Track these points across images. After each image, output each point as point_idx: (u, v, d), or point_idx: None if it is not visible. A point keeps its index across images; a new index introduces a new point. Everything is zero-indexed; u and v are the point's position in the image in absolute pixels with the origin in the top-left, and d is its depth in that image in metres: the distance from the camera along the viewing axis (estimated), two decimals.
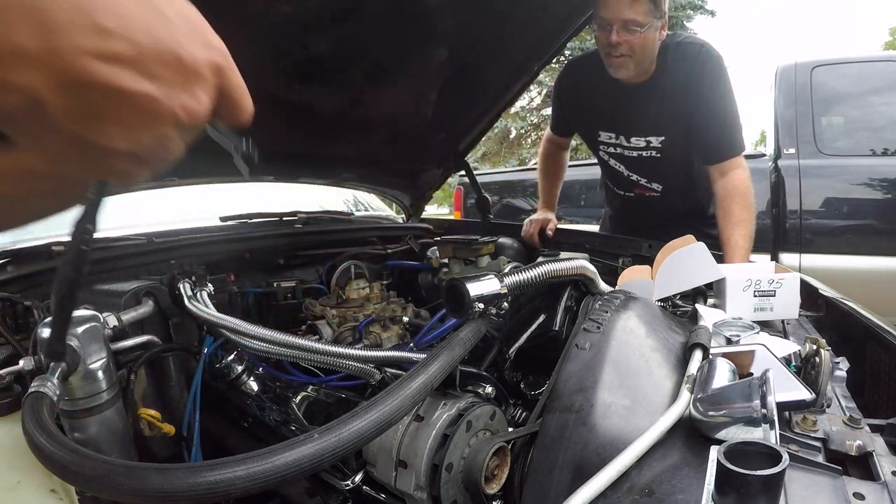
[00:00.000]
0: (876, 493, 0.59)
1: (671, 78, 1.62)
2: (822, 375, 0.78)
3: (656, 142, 1.72)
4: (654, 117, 1.68)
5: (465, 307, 0.92)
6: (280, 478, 0.55)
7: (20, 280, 1.13)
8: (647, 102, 1.67)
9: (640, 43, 1.52)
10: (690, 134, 1.66)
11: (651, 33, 1.51)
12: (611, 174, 1.95)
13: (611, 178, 1.98)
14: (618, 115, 1.75)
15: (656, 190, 1.85)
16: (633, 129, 1.74)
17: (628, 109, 1.71)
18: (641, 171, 1.83)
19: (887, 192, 2.94)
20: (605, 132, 1.81)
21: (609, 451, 0.66)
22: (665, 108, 1.65)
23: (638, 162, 1.80)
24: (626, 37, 1.50)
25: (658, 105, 1.65)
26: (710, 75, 1.58)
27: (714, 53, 1.60)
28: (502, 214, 4.35)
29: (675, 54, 1.62)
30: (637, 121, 1.72)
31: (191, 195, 1.85)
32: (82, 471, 0.54)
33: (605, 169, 1.96)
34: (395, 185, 2.26)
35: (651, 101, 1.66)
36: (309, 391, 1.21)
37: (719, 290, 1.20)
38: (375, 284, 1.60)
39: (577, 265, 1.09)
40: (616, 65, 1.58)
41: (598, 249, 1.82)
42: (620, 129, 1.77)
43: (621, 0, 1.47)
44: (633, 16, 1.47)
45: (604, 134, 1.81)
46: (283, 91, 1.43)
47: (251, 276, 1.61)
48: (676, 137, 1.69)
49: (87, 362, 0.77)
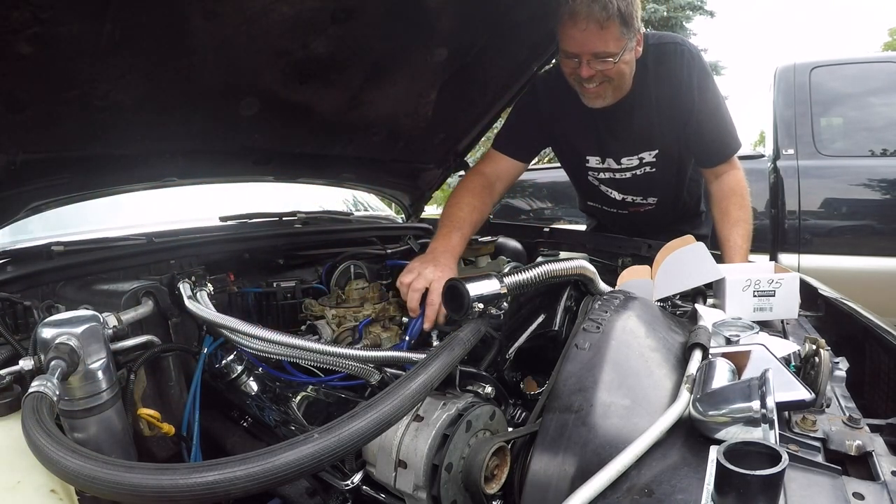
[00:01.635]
0: (875, 493, 0.59)
1: (656, 87, 1.49)
2: (821, 375, 0.78)
3: (650, 156, 1.61)
4: (645, 131, 1.56)
5: (464, 307, 0.92)
6: (280, 478, 0.55)
7: (20, 280, 1.13)
8: (632, 118, 1.53)
9: (616, 70, 1.37)
10: (683, 139, 1.57)
11: (627, 55, 1.36)
12: (601, 197, 1.81)
13: (600, 201, 1.84)
14: (603, 137, 1.60)
15: (651, 203, 1.78)
16: (623, 149, 1.61)
17: (614, 130, 1.57)
18: (636, 190, 1.73)
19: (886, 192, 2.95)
20: (593, 157, 1.66)
21: (609, 451, 0.66)
22: (654, 119, 1.53)
23: (632, 182, 1.69)
24: (598, 67, 1.35)
25: (647, 118, 1.53)
26: (697, 78, 1.47)
27: (694, 52, 1.49)
28: (502, 214, 4.35)
29: (654, 59, 1.48)
30: (626, 140, 1.59)
31: (191, 195, 1.85)
32: (82, 471, 0.54)
33: (593, 192, 1.80)
34: (394, 185, 2.26)
35: (637, 115, 1.53)
36: (309, 391, 1.20)
37: (719, 290, 1.20)
38: (375, 284, 1.60)
39: (577, 265, 1.09)
40: (592, 95, 1.43)
41: (598, 249, 1.82)
42: (609, 153, 1.62)
43: (587, 31, 1.28)
44: (602, 47, 1.30)
45: (592, 159, 1.66)
46: (283, 91, 1.43)
47: (251, 276, 1.60)
48: (670, 146, 1.59)
49: (86, 362, 0.77)
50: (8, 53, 0.93)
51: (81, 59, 1.03)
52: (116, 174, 1.40)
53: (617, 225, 1.93)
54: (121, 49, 1.05)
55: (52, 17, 0.92)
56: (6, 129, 1.09)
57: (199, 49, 1.16)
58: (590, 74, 1.36)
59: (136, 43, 1.07)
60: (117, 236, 1.42)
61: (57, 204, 1.35)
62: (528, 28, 1.63)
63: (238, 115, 1.41)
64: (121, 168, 1.38)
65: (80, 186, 1.36)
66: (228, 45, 1.20)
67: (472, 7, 1.46)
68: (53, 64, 1.01)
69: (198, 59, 1.19)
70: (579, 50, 1.34)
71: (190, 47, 1.15)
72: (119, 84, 1.13)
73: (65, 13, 0.93)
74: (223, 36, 1.16)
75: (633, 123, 1.54)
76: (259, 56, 1.29)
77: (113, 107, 1.17)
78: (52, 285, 1.18)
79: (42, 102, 1.08)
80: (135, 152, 1.37)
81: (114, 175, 1.40)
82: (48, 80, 1.04)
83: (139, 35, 1.06)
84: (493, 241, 1.68)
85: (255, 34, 1.20)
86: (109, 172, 1.38)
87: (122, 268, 1.30)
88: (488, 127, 2.10)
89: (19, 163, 1.14)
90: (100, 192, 1.42)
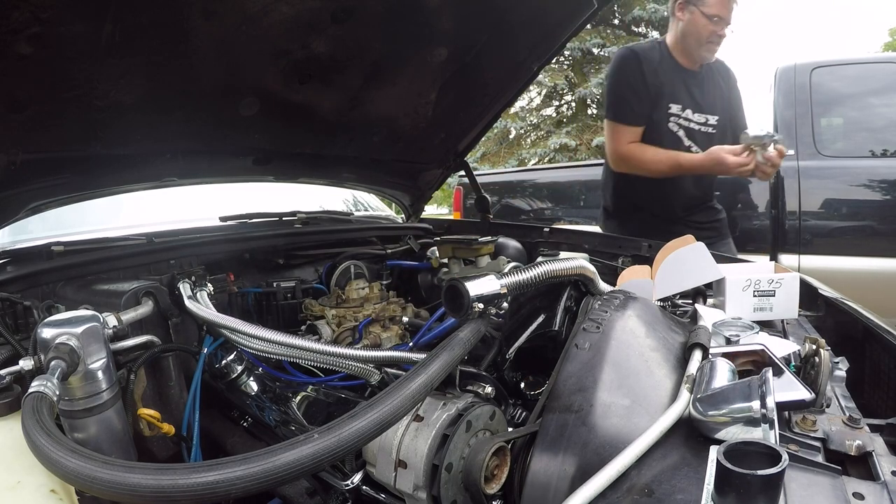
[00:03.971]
0: (875, 492, 0.59)
1: (712, 68, 2.07)
2: (821, 375, 0.78)
3: (713, 120, 2.07)
4: (711, 97, 2.07)
5: (464, 307, 0.92)
6: (280, 478, 0.55)
7: (20, 280, 1.13)
8: (705, 84, 2.07)
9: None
10: (730, 117, 2.09)
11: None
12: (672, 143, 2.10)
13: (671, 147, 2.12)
14: (684, 92, 2.06)
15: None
16: (698, 106, 2.06)
17: (690, 89, 2.06)
18: (699, 143, 2.09)
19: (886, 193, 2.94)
20: (675, 104, 2.06)
21: (609, 451, 0.66)
22: (716, 91, 2.08)
23: (698, 134, 2.08)
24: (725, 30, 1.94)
25: (713, 87, 2.07)
26: (733, 72, 2.11)
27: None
28: (502, 214, 4.34)
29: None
30: (700, 99, 2.06)
31: (191, 195, 1.85)
32: (82, 471, 0.54)
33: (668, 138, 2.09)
34: (394, 185, 2.26)
35: (708, 82, 2.07)
36: (309, 391, 1.20)
37: (719, 289, 1.20)
38: (375, 284, 1.60)
39: (577, 265, 1.08)
40: (712, 51, 2.00)
41: (598, 249, 1.82)
42: (688, 104, 2.06)
43: (730, 3, 1.91)
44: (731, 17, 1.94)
45: (674, 106, 2.06)
46: (283, 91, 1.43)
47: (251, 276, 1.61)
48: (724, 119, 2.08)
49: (87, 362, 0.77)
50: (8, 53, 0.94)
51: (81, 59, 1.03)
52: (116, 174, 1.40)
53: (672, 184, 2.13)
54: (121, 49, 1.05)
55: (52, 17, 0.92)
56: (6, 129, 1.09)
57: (199, 49, 1.16)
58: (722, 35, 1.95)
59: (136, 43, 1.07)
60: (117, 236, 1.42)
61: (57, 204, 1.35)
62: (528, 28, 1.63)
63: (238, 115, 1.42)
64: (121, 168, 1.38)
65: (80, 186, 1.36)
66: (228, 45, 1.20)
67: (472, 7, 1.47)
68: (53, 64, 1.01)
69: (198, 59, 1.19)
70: (726, 15, 1.91)
71: (190, 47, 1.15)
72: (119, 84, 1.13)
73: (65, 13, 0.93)
74: (223, 36, 1.16)
75: (704, 88, 2.07)
76: (259, 56, 1.29)
77: (113, 107, 1.17)
78: (52, 285, 1.18)
79: (42, 102, 1.08)
80: (135, 152, 1.37)
81: (114, 175, 1.40)
82: (48, 80, 1.04)
83: (139, 35, 1.06)
84: (493, 241, 1.68)
85: (255, 34, 1.20)
86: (109, 172, 1.38)
87: (122, 268, 1.30)
88: (488, 127, 2.09)
89: (19, 163, 1.14)
90: (99, 192, 1.42)
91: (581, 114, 13.37)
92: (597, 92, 12.37)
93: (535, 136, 14.13)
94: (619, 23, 13.09)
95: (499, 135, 13.90)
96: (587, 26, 1.68)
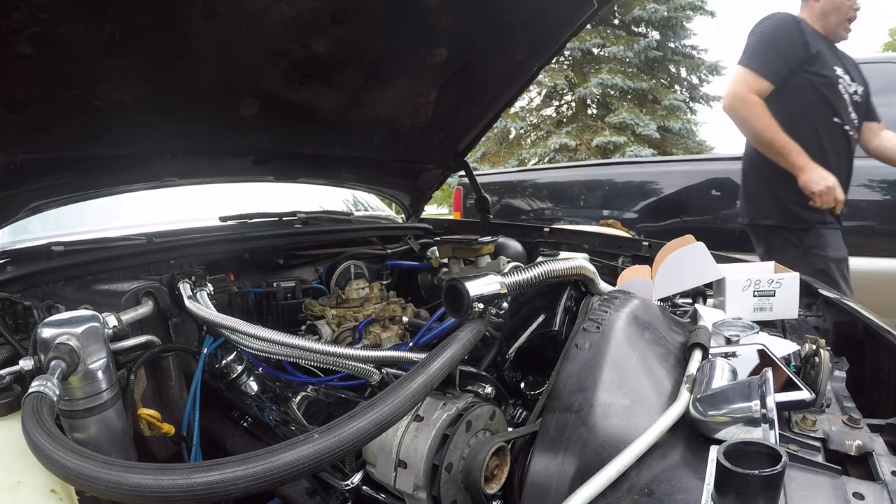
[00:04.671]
0: (875, 492, 0.59)
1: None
2: (821, 375, 0.78)
3: (860, 90, 2.20)
4: (852, 71, 2.19)
5: (464, 307, 0.91)
6: (280, 478, 0.55)
7: (20, 280, 1.13)
8: (843, 59, 2.19)
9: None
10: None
11: None
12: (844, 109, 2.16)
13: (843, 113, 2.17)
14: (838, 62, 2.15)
15: (855, 131, 2.21)
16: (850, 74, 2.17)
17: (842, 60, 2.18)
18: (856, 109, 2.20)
19: (886, 193, 2.94)
20: (840, 68, 2.15)
21: (609, 451, 0.66)
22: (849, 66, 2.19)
23: (854, 101, 2.18)
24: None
25: (846, 63, 2.18)
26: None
27: None
28: (502, 214, 4.34)
29: None
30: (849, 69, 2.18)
31: (191, 195, 1.85)
32: (82, 471, 0.54)
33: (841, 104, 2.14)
34: (395, 185, 2.26)
35: (843, 59, 2.19)
36: (309, 391, 1.20)
37: (719, 289, 1.20)
38: (375, 284, 1.60)
39: (577, 265, 1.09)
40: (849, 30, 2.16)
41: (598, 249, 1.82)
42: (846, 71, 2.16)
43: None
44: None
45: (839, 68, 2.14)
46: (283, 91, 1.43)
47: (251, 276, 1.61)
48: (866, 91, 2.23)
49: (87, 362, 0.77)
50: (8, 53, 0.94)
51: (81, 59, 1.03)
52: (116, 174, 1.40)
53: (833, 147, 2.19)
54: (121, 49, 1.05)
55: (52, 17, 0.92)
56: (6, 129, 1.09)
57: (199, 49, 1.16)
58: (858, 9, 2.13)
59: (136, 43, 1.07)
60: (117, 236, 1.42)
61: (57, 204, 1.35)
62: (528, 28, 1.63)
63: (238, 115, 1.42)
64: (121, 168, 1.38)
65: (80, 186, 1.36)
66: (228, 45, 1.20)
67: (472, 7, 1.46)
68: (53, 64, 1.01)
69: (198, 59, 1.19)
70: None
71: (190, 47, 1.15)
72: (119, 84, 1.13)
73: (65, 13, 0.93)
74: (223, 36, 1.16)
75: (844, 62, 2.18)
76: (259, 56, 1.29)
77: (113, 107, 1.17)
78: (52, 285, 1.18)
79: (42, 102, 1.08)
80: (135, 152, 1.37)
81: (114, 175, 1.40)
82: (48, 80, 1.04)
83: (139, 35, 1.06)
84: (493, 241, 1.68)
85: (255, 34, 1.20)
86: (109, 172, 1.38)
87: (122, 268, 1.30)
88: (488, 127, 2.09)
89: (19, 163, 1.14)
90: (99, 192, 1.42)
91: (581, 114, 13.38)
92: (597, 92, 12.37)
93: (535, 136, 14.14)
94: (619, 23, 13.10)
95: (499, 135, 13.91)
96: (587, 26, 1.67)
